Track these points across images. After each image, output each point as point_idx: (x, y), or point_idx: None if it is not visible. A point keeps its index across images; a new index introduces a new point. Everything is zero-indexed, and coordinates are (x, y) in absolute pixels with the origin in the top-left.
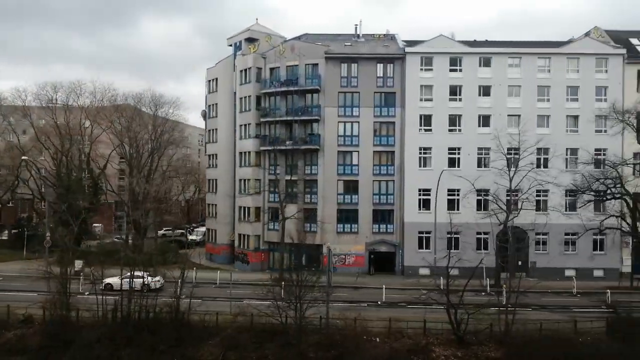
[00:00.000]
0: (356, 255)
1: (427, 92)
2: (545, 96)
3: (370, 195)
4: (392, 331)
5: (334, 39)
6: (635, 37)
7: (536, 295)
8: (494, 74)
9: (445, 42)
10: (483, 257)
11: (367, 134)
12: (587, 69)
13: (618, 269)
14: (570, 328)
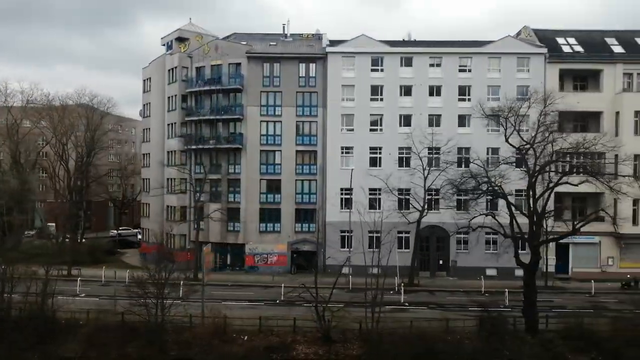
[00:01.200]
0: (279, 255)
1: (348, 92)
2: (467, 96)
3: (292, 194)
4: (264, 329)
5: (262, 38)
6: (562, 36)
7: (444, 294)
8: (415, 74)
9: (367, 41)
10: (392, 254)
11: (289, 133)
12: (508, 68)
13: (540, 268)
14: (445, 326)
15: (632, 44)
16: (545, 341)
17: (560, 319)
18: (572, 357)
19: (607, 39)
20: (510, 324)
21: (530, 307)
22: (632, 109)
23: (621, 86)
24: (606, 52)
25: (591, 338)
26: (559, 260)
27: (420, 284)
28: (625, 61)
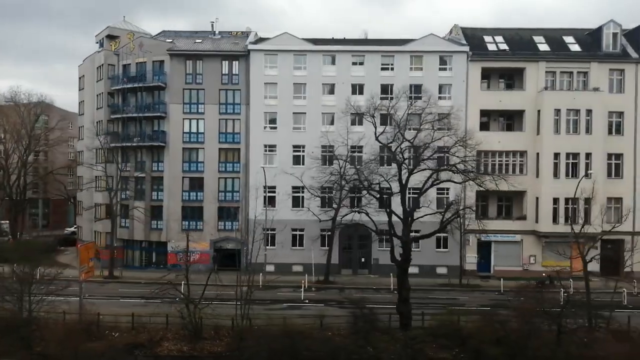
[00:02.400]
0: (201, 253)
1: (271, 90)
2: (389, 94)
3: (215, 192)
4: (137, 326)
5: (190, 36)
6: (490, 34)
7: (354, 291)
8: (338, 72)
9: (290, 39)
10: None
11: (212, 131)
12: (430, 66)
13: (459, 266)
14: (326, 323)
15: (559, 42)
16: (410, 338)
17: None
18: (434, 353)
19: (535, 37)
20: (381, 321)
21: (403, 303)
22: (552, 107)
23: (544, 84)
24: (531, 50)
25: (456, 335)
26: (482, 258)
27: (335, 281)
28: (548, 59)
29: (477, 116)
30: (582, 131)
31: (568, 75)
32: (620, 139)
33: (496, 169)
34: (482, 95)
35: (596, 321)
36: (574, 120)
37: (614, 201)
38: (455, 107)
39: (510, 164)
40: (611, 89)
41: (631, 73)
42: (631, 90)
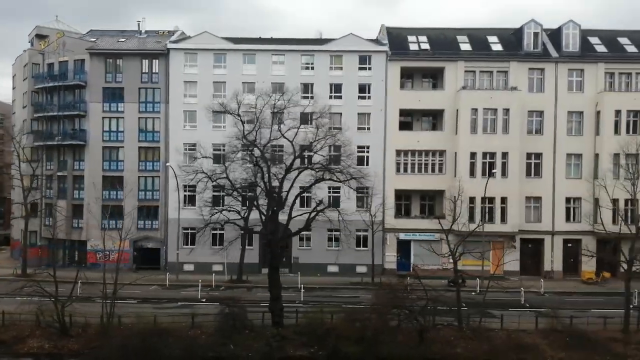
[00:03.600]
0: (122, 252)
1: (191, 89)
2: (309, 93)
3: (135, 191)
4: (7, 323)
5: (116, 35)
6: (414, 34)
7: (261, 289)
8: (258, 71)
9: (210, 38)
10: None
11: (132, 130)
12: (350, 66)
13: (380, 265)
14: (200, 321)
15: (482, 42)
16: (271, 335)
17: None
18: (293, 351)
19: (459, 37)
20: (251, 319)
21: (274, 302)
22: (469, 107)
23: (463, 83)
24: (453, 50)
25: (316, 332)
26: (403, 257)
27: (249, 280)
28: (467, 59)
29: (396, 115)
30: (499, 130)
31: (488, 74)
32: (540, 138)
33: (415, 168)
34: (402, 95)
35: (467, 320)
36: (491, 120)
37: (533, 200)
38: (375, 106)
39: (429, 163)
40: (531, 89)
41: (551, 72)
42: (551, 89)
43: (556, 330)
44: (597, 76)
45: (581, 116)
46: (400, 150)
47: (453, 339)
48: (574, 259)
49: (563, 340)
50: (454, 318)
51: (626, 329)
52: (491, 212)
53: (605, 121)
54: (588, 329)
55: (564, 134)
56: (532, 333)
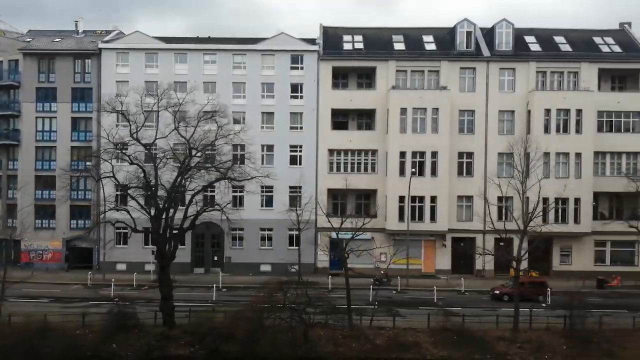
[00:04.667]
0: (54, 251)
1: (123, 88)
2: (242, 93)
3: (68, 191)
4: None
5: (55, 34)
6: (350, 34)
7: (185, 289)
8: (190, 70)
9: (142, 38)
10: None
11: (64, 129)
12: (282, 65)
13: (313, 264)
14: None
15: (416, 42)
16: (155, 334)
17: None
18: (174, 350)
19: (395, 36)
20: (141, 318)
21: (164, 301)
22: (398, 106)
23: (394, 83)
24: (386, 49)
25: (199, 331)
26: (336, 256)
27: (175, 280)
28: (398, 58)
29: (328, 115)
30: (429, 130)
31: (420, 74)
32: (471, 137)
33: (348, 168)
34: (334, 94)
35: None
36: (421, 119)
37: (465, 199)
38: (307, 105)
39: (362, 162)
40: (462, 88)
41: (482, 71)
42: (482, 88)
43: (446, 329)
44: (529, 75)
45: (512, 115)
46: (333, 149)
47: (340, 338)
48: (506, 258)
49: (450, 338)
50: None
51: (515, 327)
52: (421, 211)
53: (536, 120)
54: (482, 327)
55: (495, 133)
56: (422, 332)
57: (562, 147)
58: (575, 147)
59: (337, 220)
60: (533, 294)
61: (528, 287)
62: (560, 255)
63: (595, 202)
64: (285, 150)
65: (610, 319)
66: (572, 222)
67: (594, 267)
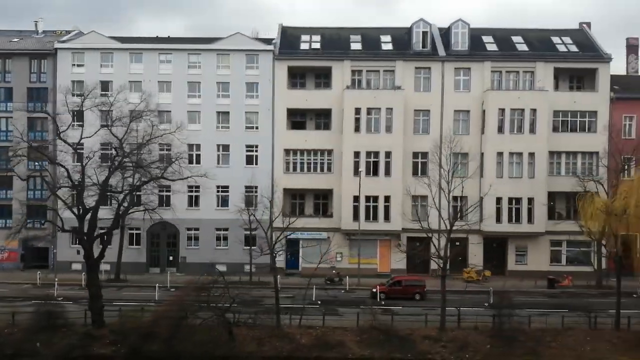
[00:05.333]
0: (10, 251)
1: (79, 88)
2: (197, 92)
3: (24, 190)
4: None
5: (13, 34)
6: (309, 34)
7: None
8: (145, 70)
9: (97, 37)
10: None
11: (20, 129)
12: (237, 65)
13: (269, 263)
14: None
15: (373, 42)
16: (80, 333)
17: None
18: (97, 348)
19: (353, 36)
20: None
21: (93, 300)
22: (353, 106)
23: (349, 83)
24: (343, 49)
25: (123, 331)
26: (292, 256)
27: (127, 279)
28: (354, 58)
29: (284, 114)
30: (383, 130)
31: (375, 73)
32: (426, 137)
33: (305, 168)
34: (290, 94)
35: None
36: (375, 119)
37: (420, 199)
38: (262, 105)
39: (318, 162)
40: (418, 88)
41: (437, 71)
42: (437, 88)
43: (375, 328)
44: (484, 75)
45: (468, 115)
46: (289, 149)
47: (266, 337)
48: (461, 258)
49: (377, 337)
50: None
51: (442, 327)
52: (375, 211)
53: (490, 120)
54: (412, 326)
55: (451, 133)
56: (350, 331)
57: (515, 147)
58: (529, 147)
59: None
60: (410, 292)
61: (406, 285)
62: (516, 255)
63: (552, 202)
64: (241, 150)
65: (549, 318)
66: (526, 222)
67: (549, 267)
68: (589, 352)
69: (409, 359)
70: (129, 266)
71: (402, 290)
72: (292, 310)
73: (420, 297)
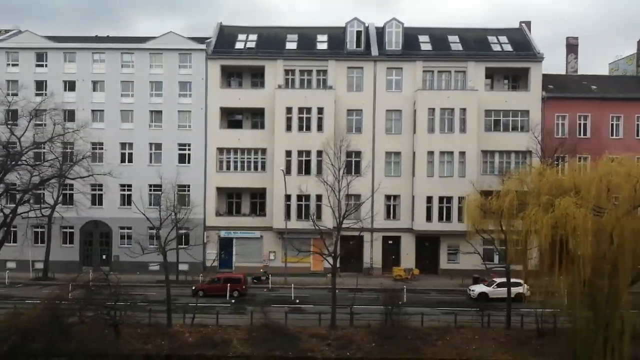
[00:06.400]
0: None
1: (13, 87)
2: (130, 91)
3: None
4: None
5: None
6: (245, 33)
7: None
8: (79, 69)
9: (31, 37)
10: None
11: None
12: (170, 64)
13: (202, 262)
14: None
15: (309, 41)
16: None
17: None
18: None
19: (290, 35)
20: None
21: None
22: (284, 105)
23: (282, 82)
24: (278, 49)
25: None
26: (227, 255)
27: (56, 278)
28: (286, 58)
29: (217, 113)
30: (314, 129)
31: (308, 73)
32: (359, 136)
33: (238, 167)
34: (223, 93)
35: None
36: (307, 119)
37: (353, 198)
38: (196, 104)
39: (252, 161)
40: (351, 88)
41: (370, 71)
42: (370, 88)
43: (266, 327)
44: (416, 75)
45: (400, 115)
46: (223, 148)
47: (154, 335)
48: (395, 256)
49: (265, 336)
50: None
51: (333, 325)
52: (308, 210)
53: (420, 119)
54: (304, 324)
55: (383, 132)
56: (241, 329)
57: (446, 146)
58: (460, 146)
59: (227, 219)
60: (225, 290)
61: (224, 283)
62: (448, 254)
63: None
64: (173, 148)
65: (447, 317)
66: (457, 221)
67: (482, 266)
68: (472, 350)
69: (289, 356)
70: (62, 265)
71: (221, 287)
72: (200, 308)
73: (239, 294)
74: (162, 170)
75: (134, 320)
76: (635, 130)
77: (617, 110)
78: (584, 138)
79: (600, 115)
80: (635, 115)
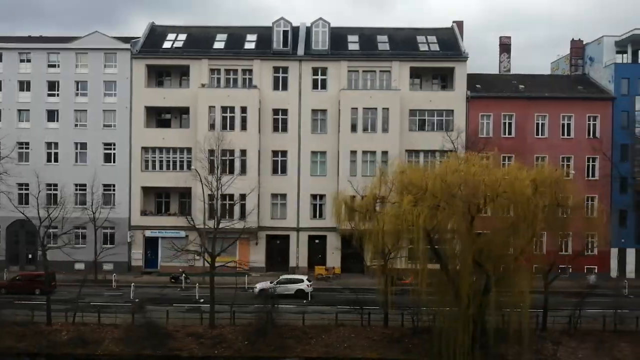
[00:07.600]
0: None
1: None
2: (56, 91)
3: None
4: None
5: None
6: (176, 32)
7: None
8: (4, 70)
9: None
10: None
11: None
12: (96, 64)
13: (127, 262)
14: None
15: (238, 40)
16: None
17: None
18: None
19: (219, 35)
20: None
21: None
22: (206, 105)
23: (206, 81)
24: (204, 48)
25: None
26: (153, 254)
27: None
28: (212, 57)
29: (142, 113)
30: (238, 128)
31: (234, 72)
32: (285, 136)
33: (164, 166)
34: (148, 93)
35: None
36: (230, 117)
37: (279, 197)
38: (120, 103)
39: (177, 160)
40: (277, 87)
41: (295, 71)
42: (295, 87)
43: (145, 325)
44: (341, 74)
45: (326, 114)
46: (148, 147)
47: (30, 334)
48: (321, 255)
49: (141, 335)
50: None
51: (212, 324)
52: (232, 209)
53: (344, 119)
54: (185, 324)
55: (309, 131)
56: (120, 328)
57: (368, 145)
58: (382, 145)
59: (152, 218)
60: (31, 287)
61: (27, 281)
62: None
63: None
64: (98, 148)
65: (329, 315)
66: None
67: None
68: (343, 348)
69: (157, 355)
70: None
71: (23, 285)
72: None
73: (41, 291)
74: (87, 170)
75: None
76: (560, 129)
77: (542, 110)
78: (509, 137)
79: (525, 114)
80: (560, 114)
